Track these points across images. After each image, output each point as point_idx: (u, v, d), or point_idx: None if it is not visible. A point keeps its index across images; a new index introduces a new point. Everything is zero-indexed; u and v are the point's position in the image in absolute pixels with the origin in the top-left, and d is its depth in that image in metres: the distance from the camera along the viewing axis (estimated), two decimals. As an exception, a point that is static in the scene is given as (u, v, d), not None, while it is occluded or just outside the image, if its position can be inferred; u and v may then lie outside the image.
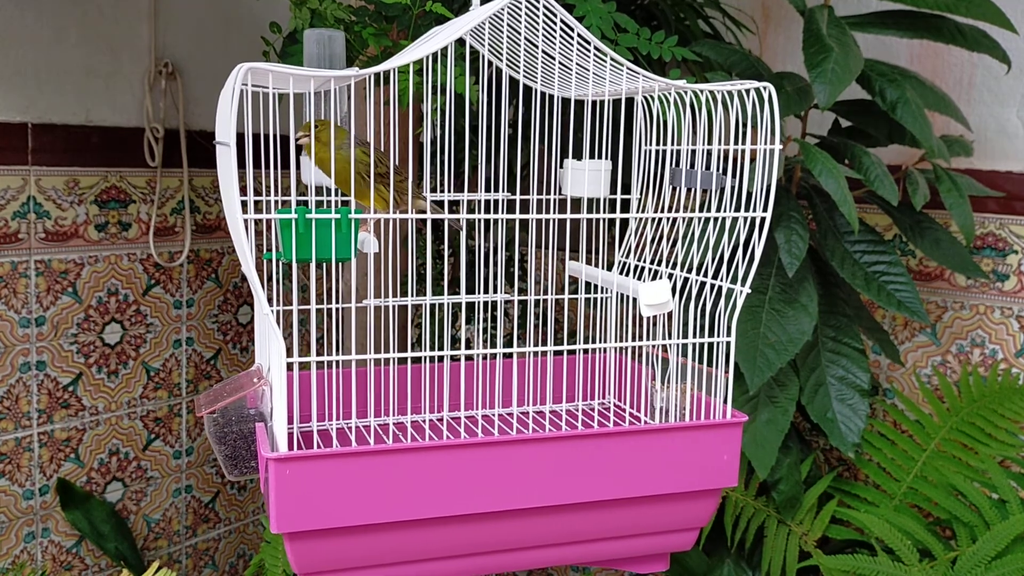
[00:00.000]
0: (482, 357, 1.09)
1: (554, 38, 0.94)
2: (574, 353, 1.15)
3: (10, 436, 1.81)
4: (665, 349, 1.03)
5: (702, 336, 1.00)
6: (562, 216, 0.98)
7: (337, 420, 1.04)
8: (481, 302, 1.11)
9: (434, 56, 1.00)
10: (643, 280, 1.05)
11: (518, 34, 0.96)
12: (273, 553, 1.67)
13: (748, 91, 0.96)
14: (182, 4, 1.97)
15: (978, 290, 1.74)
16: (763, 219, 0.97)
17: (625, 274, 1.11)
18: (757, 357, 1.46)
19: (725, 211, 1.00)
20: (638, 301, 0.97)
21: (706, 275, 1.00)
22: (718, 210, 1.00)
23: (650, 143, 1.09)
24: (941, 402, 1.70)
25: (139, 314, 1.97)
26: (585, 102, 1.09)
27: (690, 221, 1.01)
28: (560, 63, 0.99)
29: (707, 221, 1.00)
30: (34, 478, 1.85)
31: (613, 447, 0.93)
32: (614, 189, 1.08)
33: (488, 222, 1.04)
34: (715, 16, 1.86)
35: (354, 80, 0.94)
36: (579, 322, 1.14)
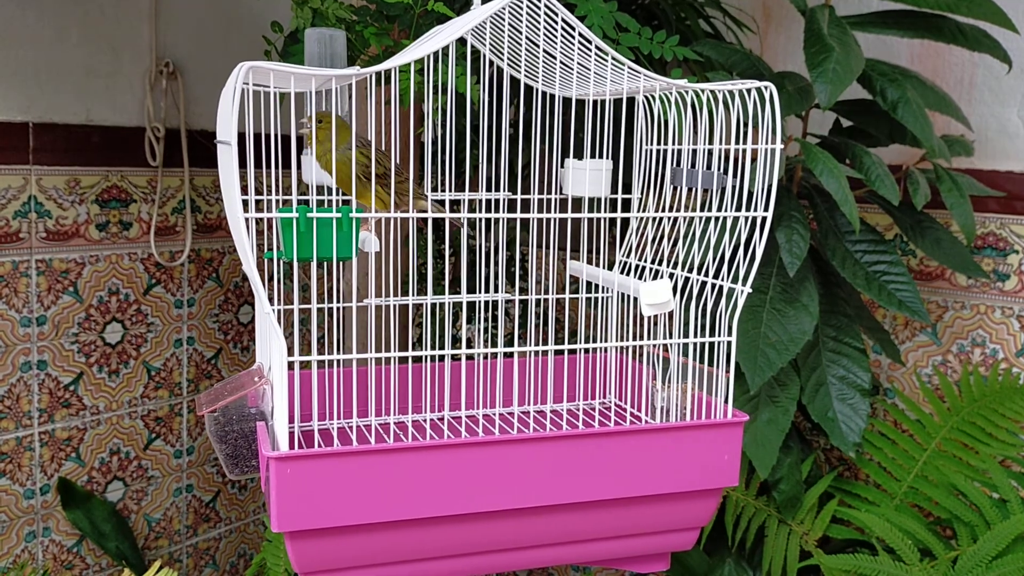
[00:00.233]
0: (483, 356, 1.09)
1: (555, 37, 0.94)
2: (575, 353, 1.15)
3: (11, 435, 1.81)
4: (666, 349, 1.03)
5: (703, 336, 1.00)
6: (563, 216, 0.98)
7: (338, 419, 1.04)
8: (482, 302, 1.11)
9: (435, 55, 1.00)
10: (644, 280, 1.05)
11: (519, 33, 0.96)
12: (275, 552, 1.67)
13: (749, 91, 0.96)
14: (183, 4, 1.97)
15: (979, 290, 1.74)
16: (764, 219, 0.97)
17: (626, 274, 1.11)
18: (758, 356, 1.47)
19: (726, 211, 1.00)
20: (639, 301, 0.97)
21: (707, 275, 1.00)
22: (719, 210, 1.00)
23: (651, 143, 1.09)
24: (942, 402, 1.70)
25: (140, 313, 1.97)
26: (586, 101, 1.08)
27: (691, 221, 1.01)
28: (561, 63, 0.99)
29: (708, 221, 1.00)
30: (35, 477, 1.85)
31: (614, 447, 0.93)
32: (615, 189, 1.08)
33: (489, 221, 1.04)
34: (716, 16, 1.86)
35: (355, 79, 0.94)
36: (580, 322, 1.14)
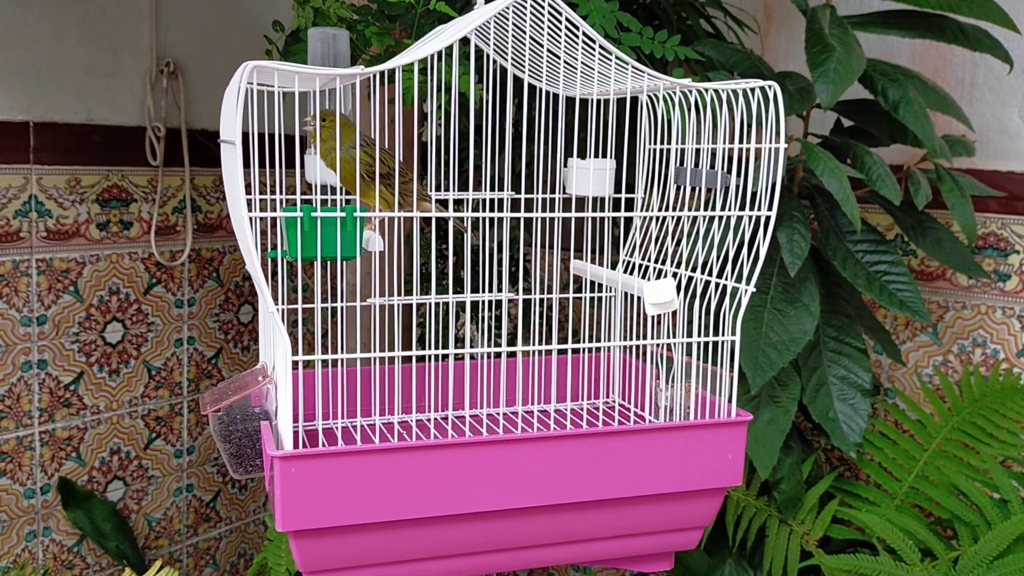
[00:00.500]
0: (486, 356, 1.09)
1: (559, 37, 0.94)
2: (578, 352, 1.14)
3: (11, 435, 1.81)
4: (670, 348, 1.03)
5: (707, 335, 1.00)
6: (567, 215, 0.98)
7: (341, 419, 1.04)
8: (484, 301, 1.11)
9: (439, 55, 1.00)
10: (648, 279, 1.05)
11: (523, 33, 0.96)
12: (276, 552, 1.67)
13: (753, 90, 0.96)
14: (183, 3, 1.97)
15: (980, 290, 1.74)
16: (768, 218, 0.97)
17: (630, 273, 1.11)
18: (759, 356, 1.47)
19: (729, 210, 1.00)
20: (643, 300, 0.97)
21: (711, 274, 1.00)
22: (723, 209, 1.00)
23: (654, 142, 1.09)
24: (942, 402, 1.70)
25: (140, 313, 1.97)
26: (589, 101, 1.08)
27: (694, 220, 1.01)
28: (565, 62, 0.99)
29: (711, 220, 1.00)
30: (35, 477, 1.85)
31: (618, 446, 0.93)
32: (618, 188, 1.08)
33: (491, 221, 1.04)
34: (717, 15, 1.86)
35: (359, 79, 0.94)
36: (583, 321, 1.14)
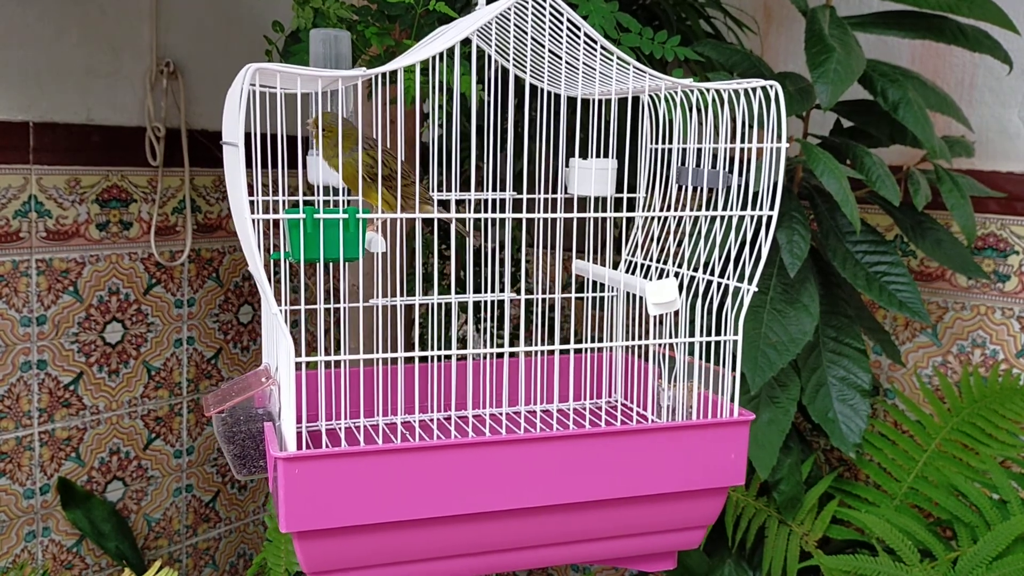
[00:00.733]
0: (488, 356, 1.09)
1: (560, 37, 0.94)
2: (580, 352, 1.15)
3: (11, 435, 1.81)
4: (672, 348, 1.03)
5: (709, 335, 1.00)
6: (568, 215, 0.98)
7: (345, 419, 1.04)
8: (485, 301, 1.11)
9: (440, 55, 1.00)
10: (650, 279, 1.05)
11: (524, 33, 0.97)
12: (276, 552, 1.67)
13: (755, 90, 0.96)
14: (183, 3, 1.97)
15: (979, 291, 1.75)
16: (769, 218, 0.97)
17: (631, 273, 1.11)
18: (758, 357, 1.47)
19: (731, 209, 1.00)
20: (645, 300, 0.97)
21: (712, 273, 1.01)
22: (724, 208, 1.00)
23: (655, 142, 1.09)
24: (942, 402, 1.70)
25: (140, 313, 1.97)
26: (591, 101, 1.09)
27: (696, 219, 1.01)
28: (566, 62, 0.99)
29: (713, 219, 1.00)
30: (35, 477, 1.85)
31: (620, 446, 0.94)
32: (620, 188, 1.08)
33: (493, 221, 1.04)
34: (717, 16, 1.86)
35: (361, 80, 0.94)
36: (585, 321, 1.14)
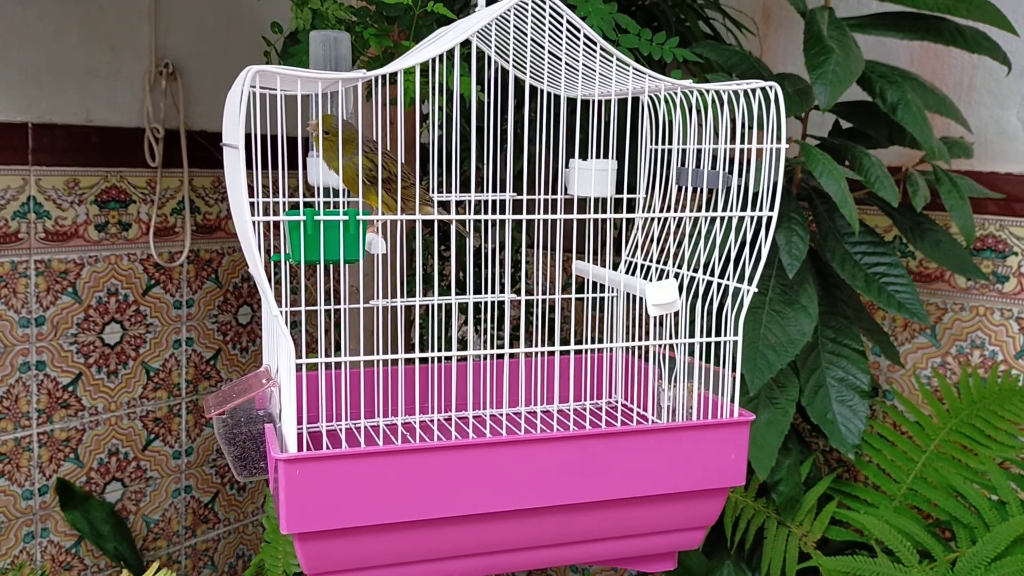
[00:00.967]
0: (489, 357, 1.09)
1: (560, 39, 0.94)
2: (581, 353, 1.15)
3: (9, 436, 1.80)
4: (672, 348, 1.03)
5: (708, 335, 1.00)
6: (568, 216, 0.98)
7: (345, 420, 1.04)
8: (486, 302, 1.11)
9: (440, 57, 1.00)
10: (649, 279, 1.05)
11: (524, 34, 0.97)
12: (273, 554, 1.67)
13: (754, 90, 0.96)
14: (183, 4, 1.97)
15: (978, 292, 1.75)
16: (769, 218, 0.98)
17: (631, 274, 1.11)
18: (757, 358, 1.47)
19: (731, 210, 1.00)
20: (645, 300, 0.97)
21: (712, 274, 1.01)
22: (724, 209, 1.00)
23: (655, 142, 1.09)
24: (941, 403, 1.70)
25: (139, 314, 1.97)
26: (591, 102, 1.09)
27: (696, 220, 1.01)
28: (566, 63, 0.99)
29: (713, 220, 1.00)
30: (33, 478, 1.85)
31: (621, 446, 0.94)
32: (620, 189, 1.09)
33: (493, 222, 1.05)
34: (715, 17, 1.86)
35: (361, 82, 0.94)
36: (586, 321, 1.14)
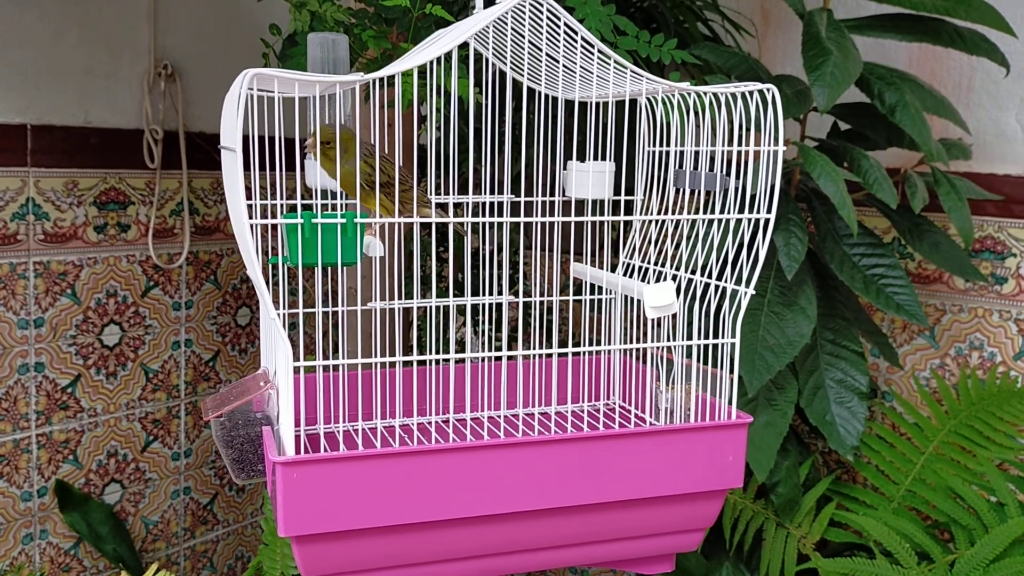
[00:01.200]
0: (486, 359, 1.09)
1: (558, 41, 0.94)
2: (579, 355, 1.15)
3: (8, 438, 1.80)
4: (670, 350, 1.03)
5: (706, 337, 1.00)
6: (566, 219, 0.98)
7: (343, 423, 1.04)
8: (484, 304, 1.11)
9: (437, 59, 1.00)
10: (648, 282, 1.05)
11: (522, 37, 0.97)
12: (271, 555, 1.67)
13: (751, 93, 0.96)
14: (182, 5, 1.97)
15: (977, 293, 1.75)
16: (767, 220, 0.98)
17: (629, 275, 1.11)
18: (756, 360, 1.47)
19: (728, 212, 1.00)
20: (643, 303, 0.97)
21: (710, 276, 1.01)
22: (721, 211, 1.00)
23: (653, 144, 1.09)
24: (939, 405, 1.70)
25: (138, 316, 1.97)
26: (589, 104, 1.09)
27: (694, 222, 1.01)
28: (564, 66, 0.99)
29: (711, 222, 1.00)
30: (32, 480, 1.85)
31: (618, 448, 0.94)
32: (618, 191, 1.09)
33: (491, 224, 1.05)
34: (714, 19, 1.86)
35: (359, 84, 0.94)
36: (583, 324, 1.14)
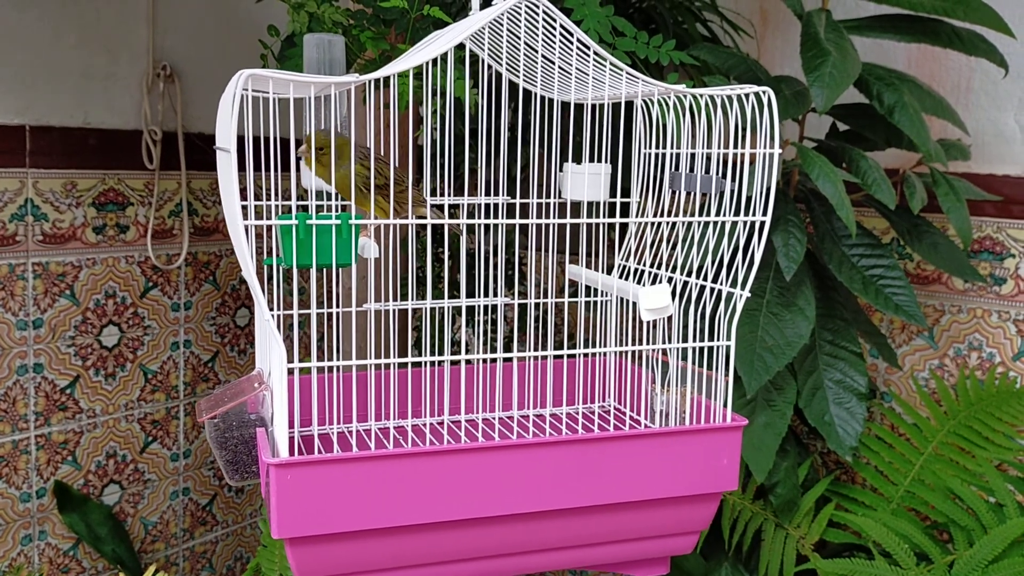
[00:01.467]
0: (482, 361, 1.09)
1: (554, 42, 0.94)
2: (574, 357, 1.15)
3: (7, 439, 1.80)
4: (665, 353, 1.03)
5: (702, 340, 1.00)
6: (562, 220, 0.98)
7: (337, 424, 1.04)
8: (480, 306, 1.11)
9: (434, 60, 1.00)
10: (643, 284, 1.05)
11: (518, 39, 0.97)
12: (270, 557, 1.67)
13: (748, 95, 0.96)
14: (180, 6, 1.97)
15: (975, 294, 1.75)
16: (763, 223, 0.97)
17: (625, 277, 1.11)
18: (755, 360, 1.47)
19: (725, 215, 1.00)
20: (638, 305, 0.97)
21: (706, 279, 1.01)
22: (717, 214, 1.00)
23: (649, 146, 1.09)
24: (938, 406, 1.70)
25: (137, 316, 1.97)
26: (585, 106, 1.09)
27: (690, 225, 1.01)
28: (560, 67, 0.99)
29: (707, 225, 1.00)
30: (31, 481, 1.85)
31: (613, 451, 0.93)
32: (614, 193, 1.08)
33: (488, 225, 1.05)
34: (713, 20, 1.86)
35: (354, 85, 0.94)
36: (579, 326, 1.14)
